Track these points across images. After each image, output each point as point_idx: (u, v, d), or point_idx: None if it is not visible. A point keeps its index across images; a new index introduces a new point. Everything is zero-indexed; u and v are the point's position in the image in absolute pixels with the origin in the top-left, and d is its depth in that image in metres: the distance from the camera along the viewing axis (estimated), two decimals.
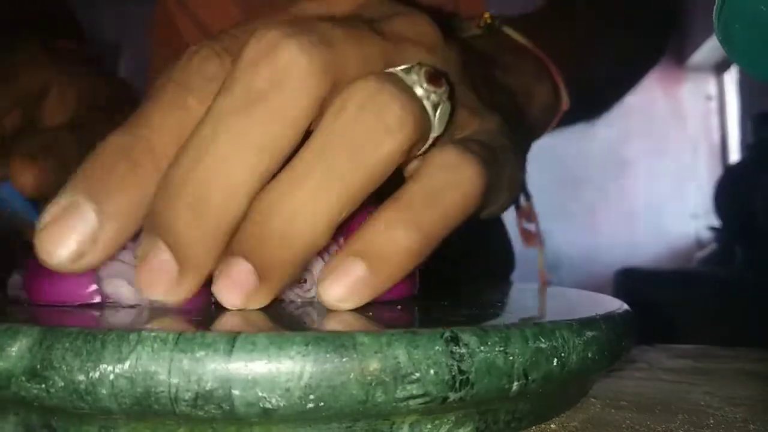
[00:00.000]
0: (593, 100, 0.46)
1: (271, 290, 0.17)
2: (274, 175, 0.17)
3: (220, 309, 0.18)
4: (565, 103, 0.35)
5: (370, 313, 0.19)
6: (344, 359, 0.14)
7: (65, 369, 0.13)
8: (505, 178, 0.22)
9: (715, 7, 0.19)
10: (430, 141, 0.19)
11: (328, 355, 0.14)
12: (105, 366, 0.13)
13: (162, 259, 0.16)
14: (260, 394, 0.13)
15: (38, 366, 0.13)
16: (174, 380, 0.13)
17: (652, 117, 2.54)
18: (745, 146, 2.11)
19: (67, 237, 0.16)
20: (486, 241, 0.49)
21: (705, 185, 2.35)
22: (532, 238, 0.35)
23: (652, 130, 2.54)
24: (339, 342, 0.14)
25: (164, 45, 0.50)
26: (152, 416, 0.14)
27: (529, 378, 0.16)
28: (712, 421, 0.19)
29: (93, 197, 0.16)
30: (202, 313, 0.17)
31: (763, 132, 1.73)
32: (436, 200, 0.18)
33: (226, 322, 0.16)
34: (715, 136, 2.64)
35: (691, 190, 2.51)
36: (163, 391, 0.13)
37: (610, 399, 0.21)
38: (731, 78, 2.52)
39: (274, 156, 0.16)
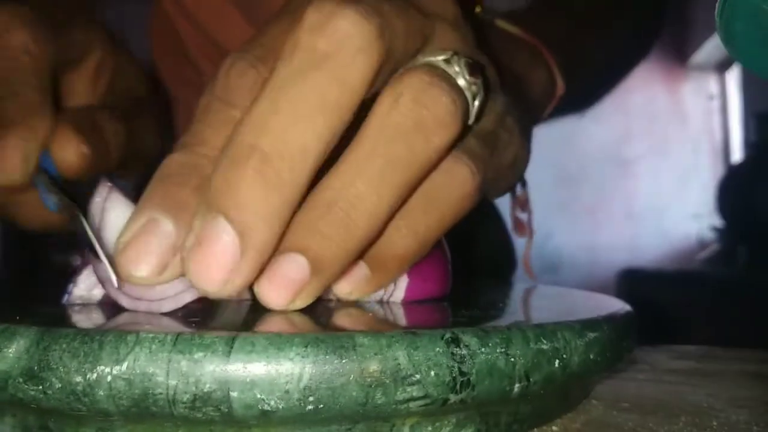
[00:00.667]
0: (587, 87, 0.46)
1: (321, 287, 0.17)
2: (328, 165, 0.17)
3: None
4: (561, 87, 0.35)
5: (374, 313, 0.19)
6: (344, 361, 0.14)
7: (62, 370, 0.13)
8: (507, 162, 0.22)
9: (716, 6, 0.19)
10: None
11: (327, 357, 0.14)
12: (102, 367, 0.13)
13: (224, 240, 0.15)
14: (259, 396, 0.13)
15: (35, 367, 0.13)
16: (172, 382, 0.13)
17: (654, 116, 2.54)
18: (748, 146, 2.11)
19: (150, 252, 0.16)
20: (486, 242, 0.49)
21: (707, 185, 2.34)
22: (522, 227, 0.35)
23: (654, 129, 2.53)
24: (338, 343, 0.14)
25: (162, 45, 0.50)
26: (150, 418, 0.14)
27: (531, 379, 0.16)
28: (715, 423, 0.19)
29: (170, 213, 0.16)
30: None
31: (765, 131, 1.73)
32: (433, 205, 0.19)
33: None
34: (718, 136, 2.64)
35: (693, 189, 2.50)
36: (160, 393, 0.13)
37: (612, 400, 0.21)
38: (733, 77, 2.52)
39: (335, 121, 0.16)
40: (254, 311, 0.18)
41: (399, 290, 0.21)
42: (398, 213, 0.18)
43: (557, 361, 0.16)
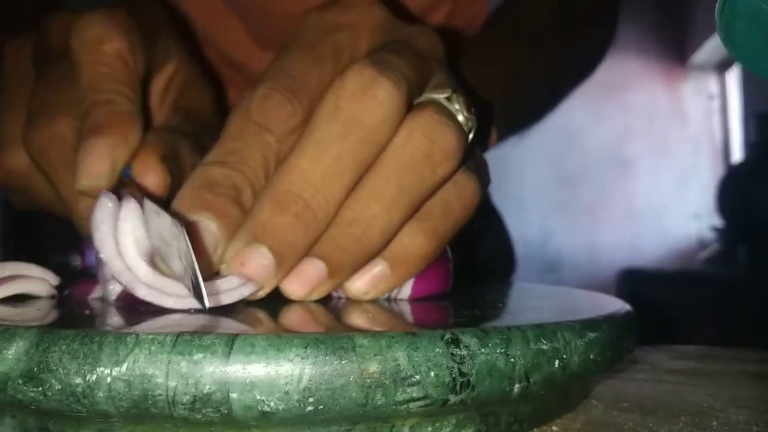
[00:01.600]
0: (528, 118, 0.47)
1: (334, 286, 0.20)
2: None
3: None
4: (494, 139, 0.37)
5: (371, 313, 0.19)
6: (343, 361, 0.14)
7: (62, 372, 0.13)
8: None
9: (716, 6, 0.19)
10: None
11: (327, 358, 0.14)
12: (102, 369, 0.13)
13: (264, 263, 0.18)
14: (258, 397, 0.13)
15: (35, 369, 0.13)
16: (171, 383, 0.13)
17: (654, 116, 2.54)
18: (748, 145, 2.11)
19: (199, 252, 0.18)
20: (486, 242, 0.49)
21: (707, 185, 2.35)
22: None
23: (654, 129, 2.53)
24: (338, 344, 0.14)
25: None
26: (149, 419, 0.14)
27: (531, 380, 0.16)
28: (715, 423, 0.19)
29: (215, 218, 0.19)
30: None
31: (765, 131, 1.73)
32: (449, 212, 0.22)
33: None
34: (718, 136, 2.64)
35: (693, 189, 2.50)
36: (160, 394, 0.13)
37: (612, 401, 0.21)
38: (733, 77, 2.52)
39: (361, 172, 0.20)
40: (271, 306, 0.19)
41: (406, 288, 0.22)
42: (419, 217, 0.21)
43: (557, 362, 0.16)
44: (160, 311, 0.18)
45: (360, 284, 0.21)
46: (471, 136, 0.22)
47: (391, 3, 0.24)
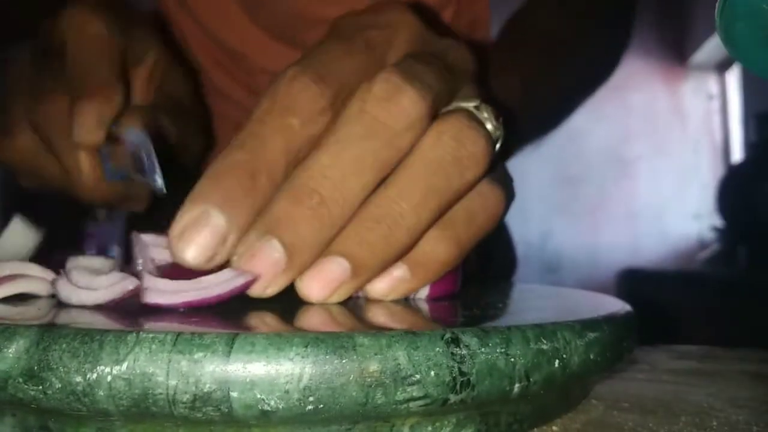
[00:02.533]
0: (544, 126, 0.48)
1: (357, 287, 0.20)
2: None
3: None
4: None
5: (372, 313, 0.19)
6: (344, 361, 0.14)
7: (62, 370, 0.13)
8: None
9: (717, 6, 0.19)
10: None
11: (327, 357, 0.14)
12: (102, 367, 0.13)
13: (275, 257, 0.18)
14: (259, 396, 0.13)
15: (35, 367, 0.13)
16: (172, 382, 0.13)
17: (654, 116, 2.54)
18: (748, 146, 2.11)
19: (202, 242, 0.18)
20: (486, 242, 0.49)
21: (707, 185, 2.35)
22: None
23: (654, 129, 2.53)
24: (338, 343, 0.14)
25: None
26: (150, 418, 0.14)
27: (531, 379, 0.16)
28: (715, 423, 0.19)
29: (222, 207, 0.18)
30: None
31: (765, 131, 1.73)
32: (473, 220, 0.22)
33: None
34: (718, 136, 2.64)
35: (693, 190, 2.50)
36: (160, 393, 0.13)
37: (612, 400, 0.21)
38: (733, 77, 2.52)
39: (381, 174, 0.20)
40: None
41: (424, 289, 0.22)
42: (443, 225, 0.21)
43: (557, 361, 0.16)
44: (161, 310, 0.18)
45: (381, 285, 0.20)
46: (498, 146, 0.22)
47: (425, 15, 0.24)
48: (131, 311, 0.18)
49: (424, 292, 0.23)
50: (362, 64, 0.21)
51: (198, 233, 0.18)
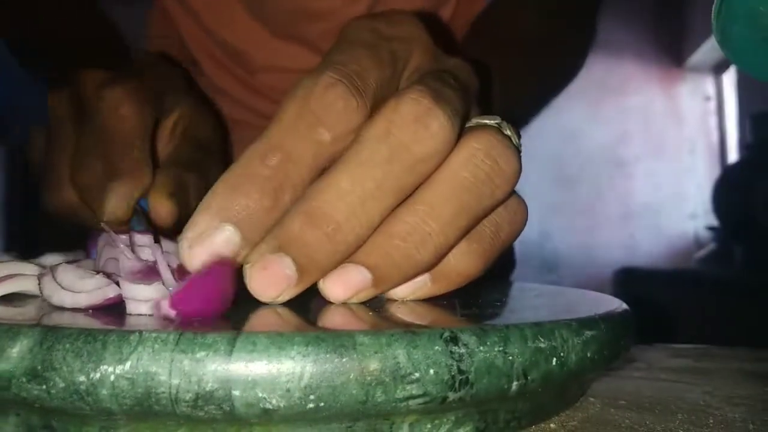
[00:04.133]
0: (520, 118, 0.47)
1: (376, 293, 0.20)
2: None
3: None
4: None
5: (375, 311, 0.19)
6: (344, 359, 0.14)
7: (66, 370, 0.13)
8: None
9: (713, 8, 0.19)
10: None
11: (328, 356, 0.14)
12: (106, 367, 0.13)
13: (287, 273, 0.18)
14: (260, 394, 0.13)
15: (39, 367, 0.13)
16: (174, 381, 0.13)
17: (650, 117, 2.54)
18: (744, 146, 2.11)
19: (213, 255, 0.18)
20: None
21: (703, 185, 2.35)
22: None
23: (650, 130, 2.54)
24: (339, 342, 0.14)
25: (161, 39, 0.51)
26: (153, 417, 0.14)
27: (529, 378, 0.16)
28: (711, 421, 0.19)
29: (239, 225, 0.18)
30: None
31: (761, 132, 1.73)
32: (499, 234, 0.22)
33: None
34: (714, 137, 2.64)
35: (689, 190, 2.51)
36: (163, 392, 0.13)
37: (609, 398, 0.21)
38: (730, 78, 2.53)
39: (401, 198, 0.19)
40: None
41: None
42: (470, 238, 0.21)
43: (555, 359, 0.16)
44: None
45: (402, 289, 0.21)
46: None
47: (433, 28, 0.24)
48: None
49: (423, 295, 0.23)
50: (388, 77, 0.21)
51: (210, 246, 0.18)
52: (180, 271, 0.19)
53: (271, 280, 0.18)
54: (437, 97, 0.19)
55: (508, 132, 0.21)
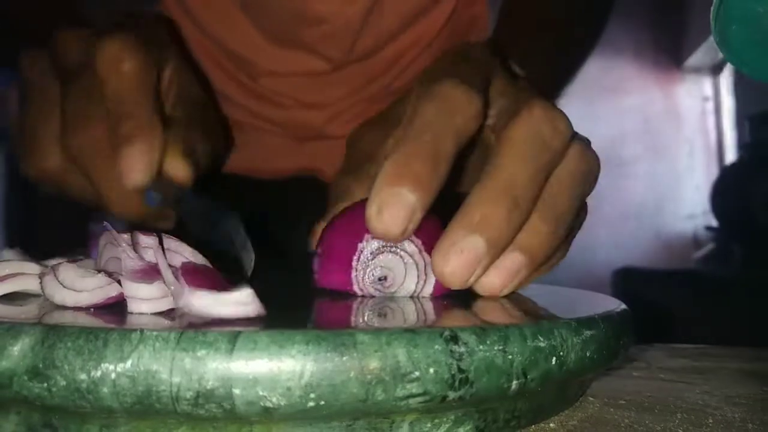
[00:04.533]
0: None
1: (531, 276, 0.23)
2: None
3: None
4: None
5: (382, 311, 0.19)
6: (344, 358, 0.14)
7: (67, 368, 0.13)
8: None
9: (712, 9, 0.19)
10: None
11: (328, 354, 0.14)
12: (107, 365, 0.13)
13: (480, 252, 0.21)
14: (261, 393, 0.13)
15: (40, 365, 0.13)
16: (175, 379, 0.13)
17: (649, 117, 2.54)
18: (742, 146, 2.12)
19: (397, 218, 0.20)
20: None
21: (702, 185, 2.35)
22: None
23: (649, 130, 2.54)
24: (339, 341, 0.14)
25: None
26: (153, 415, 0.14)
27: (528, 377, 0.16)
28: (710, 420, 0.19)
29: (414, 188, 0.21)
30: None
31: (759, 133, 1.74)
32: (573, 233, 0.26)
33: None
34: (712, 137, 2.65)
35: (688, 190, 2.51)
36: (164, 390, 0.13)
37: (609, 398, 0.21)
38: (728, 79, 2.53)
39: (542, 188, 0.23)
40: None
41: (429, 285, 0.23)
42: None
43: (554, 359, 0.16)
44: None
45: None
46: None
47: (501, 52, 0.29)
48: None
49: (428, 290, 0.23)
50: (485, 87, 0.25)
51: (396, 210, 0.20)
52: (185, 271, 0.19)
53: (465, 264, 0.20)
54: (552, 105, 0.24)
55: (585, 141, 0.26)
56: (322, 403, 0.14)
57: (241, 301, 0.17)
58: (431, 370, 0.14)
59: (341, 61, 0.46)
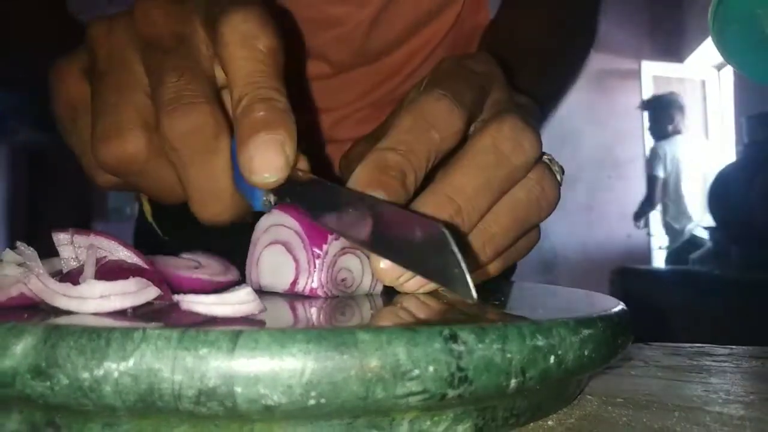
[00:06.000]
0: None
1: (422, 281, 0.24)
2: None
3: None
4: None
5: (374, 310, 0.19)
6: (345, 356, 0.14)
7: (70, 367, 0.13)
8: None
9: (710, 10, 0.20)
10: None
11: (329, 353, 0.14)
12: (109, 364, 0.13)
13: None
14: (262, 391, 0.14)
15: (43, 364, 0.14)
16: (177, 377, 0.13)
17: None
18: (741, 146, 2.12)
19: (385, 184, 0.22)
20: None
21: (701, 186, 2.36)
22: None
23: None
24: (340, 339, 0.14)
25: None
26: (155, 413, 0.14)
27: (527, 375, 0.16)
28: (707, 419, 0.19)
29: (386, 194, 0.22)
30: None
31: (757, 132, 1.74)
32: (522, 251, 0.28)
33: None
34: (712, 137, 2.65)
35: (686, 190, 2.51)
36: (166, 389, 0.13)
37: (607, 396, 0.22)
38: (726, 80, 2.53)
39: (497, 200, 0.24)
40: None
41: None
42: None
43: (553, 357, 0.17)
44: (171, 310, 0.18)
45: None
46: None
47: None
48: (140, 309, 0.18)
49: (381, 288, 0.24)
50: (477, 101, 0.26)
51: (379, 182, 0.22)
52: (103, 266, 0.19)
53: None
54: (527, 122, 0.24)
55: (556, 168, 0.27)
56: (323, 401, 0.14)
57: (242, 300, 0.17)
58: (431, 369, 0.15)
59: (348, 64, 0.46)
